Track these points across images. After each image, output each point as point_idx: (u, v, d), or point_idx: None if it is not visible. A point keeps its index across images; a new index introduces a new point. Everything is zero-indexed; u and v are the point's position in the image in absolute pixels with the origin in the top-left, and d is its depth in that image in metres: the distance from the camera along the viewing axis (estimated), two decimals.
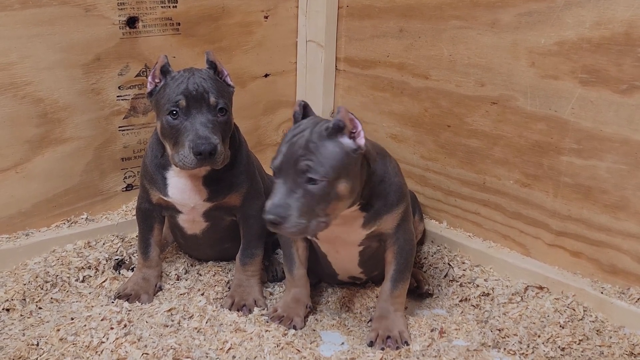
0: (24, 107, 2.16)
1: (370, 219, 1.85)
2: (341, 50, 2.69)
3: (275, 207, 1.65)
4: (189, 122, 1.84)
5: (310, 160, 1.65)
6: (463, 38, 2.24)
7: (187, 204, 2.02)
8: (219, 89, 1.91)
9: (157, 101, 1.92)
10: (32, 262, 2.14)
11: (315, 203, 1.65)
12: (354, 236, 1.89)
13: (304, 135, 1.69)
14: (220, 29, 2.53)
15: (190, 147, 1.80)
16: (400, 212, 1.89)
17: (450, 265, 2.28)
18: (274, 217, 1.64)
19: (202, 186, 1.99)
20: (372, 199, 1.83)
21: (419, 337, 1.91)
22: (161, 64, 1.92)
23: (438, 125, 2.40)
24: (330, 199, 1.67)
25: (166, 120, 1.86)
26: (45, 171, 2.26)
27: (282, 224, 1.64)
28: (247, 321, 1.92)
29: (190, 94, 1.85)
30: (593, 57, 1.94)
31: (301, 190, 1.65)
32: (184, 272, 2.24)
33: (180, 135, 1.84)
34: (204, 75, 1.91)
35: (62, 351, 1.73)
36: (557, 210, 2.12)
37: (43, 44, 2.15)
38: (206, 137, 1.81)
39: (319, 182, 1.64)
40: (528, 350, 1.86)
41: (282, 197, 1.66)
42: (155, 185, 2.02)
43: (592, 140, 1.99)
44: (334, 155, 1.67)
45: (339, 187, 1.67)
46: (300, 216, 1.64)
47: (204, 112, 1.85)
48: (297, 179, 1.65)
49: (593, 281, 2.07)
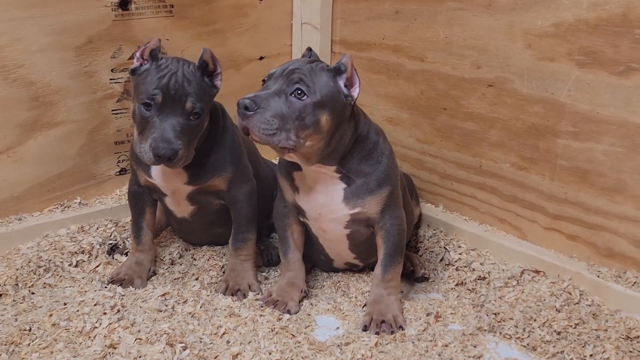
0: (15, 90, 2.14)
1: (351, 195, 1.86)
2: (336, 32, 2.67)
3: (255, 97, 1.67)
4: (159, 120, 1.81)
5: (304, 75, 1.71)
6: (459, 20, 2.22)
7: (168, 187, 2.01)
8: (199, 91, 1.86)
9: (137, 83, 1.88)
10: (25, 247, 2.13)
11: (292, 117, 1.69)
12: (337, 212, 1.89)
13: (304, 61, 1.79)
14: (214, 11, 2.50)
15: (151, 147, 1.78)
16: (384, 195, 1.88)
17: (446, 249, 2.27)
18: (250, 103, 1.65)
19: (182, 169, 1.96)
20: (354, 172, 1.84)
21: (414, 322, 1.91)
22: (152, 46, 1.89)
23: (434, 108, 2.38)
24: (307, 123, 1.70)
25: (139, 108, 1.84)
26: (37, 155, 2.24)
27: (253, 115, 1.66)
28: (241, 306, 1.92)
29: (168, 92, 1.81)
30: (590, 38, 1.92)
31: (285, 98, 1.70)
32: (178, 256, 2.23)
33: (148, 128, 1.81)
34: (188, 73, 1.86)
35: (55, 336, 1.72)
36: (554, 193, 2.11)
37: (35, 26, 2.12)
38: (169, 141, 1.78)
39: (304, 99, 1.69)
40: (524, 334, 1.85)
41: (265, 94, 1.69)
42: (141, 166, 2.01)
43: (589, 122, 1.98)
44: (326, 84, 1.74)
45: (321, 117, 1.72)
46: (273, 117, 1.67)
47: (176, 114, 1.82)
48: (285, 88, 1.70)
49: (589, 265, 2.06)
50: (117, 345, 1.69)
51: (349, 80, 1.77)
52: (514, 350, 1.81)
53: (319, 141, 1.74)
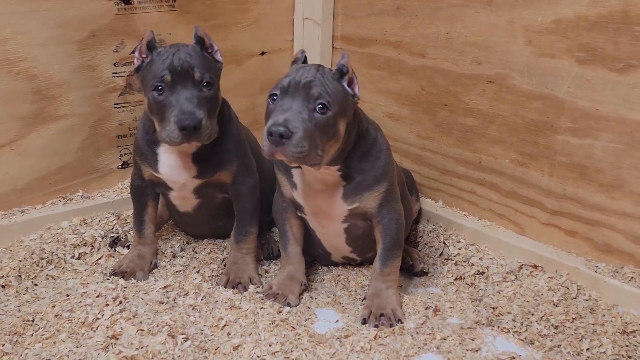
0: (18, 84, 2.15)
1: (350, 192, 1.87)
2: (338, 28, 2.68)
3: (285, 122, 1.63)
4: (174, 98, 1.83)
5: (322, 89, 1.69)
6: (460, 16, 2.23)
7: (177, 181, 2.02)
8: (204, 63, 1.90)
9: (144, 77, 1.91)
10: (28, 239, 2.15)
11: (318, 133, 1.67)
12: (336, 209, 1.90)
13: (311, 69, 1.74)
14: (215, 6, 2.51)
15: (175, 122, 1.80)
16: (381, 191, 1.89)
17: (445, 244, 2.29)
18: (284, 130, 1.61)
19: (191, 163, 1.99)
20: (354, 169, 1.84)
21: (413, 315, 1.92)
22: (147, 39, 1.92)
23: (434, 104, 2.39)
24: (330, 134, 1.70)
25: (152, 96, 1.86)
26: (40, 148, 2.25)
27: (288, 141, 1.62)
28: (242, 298, 1.93)
29: (175, 69, 1.84)
30: (590, 35, 1.93)
31: (308, 115, 1.67)
32: (180, 249, 2.24)
33: (166, 110, 1.84)
34: (189, 50, 1.90)
35: (58, 327, 1.74)
36: (553, 189, 2.12)
37: (38, 20, 2.14)
38: (191, 111, 1.81)
39: (326, 113, 1.67)
40: (522, 328, 1.87)
41: (292, 115, 1.65)
42: (147, 161, 2.02)
43: (588, 119, 1.99)
44: (338, 91, 1.73)
45: (340, 125, 1.72)
46: (304, 139, 1.64)
47: (189, 87, 1.85)
48: (306, 104, 1.68)
49: (587, 260, 2.08)
50: (119, 336, 1.70)
51: (350, 79, 1.79)
52: (512, 344, 1.83)
53: (336, 147, 1.76)
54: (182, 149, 1.95)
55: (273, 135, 1.62)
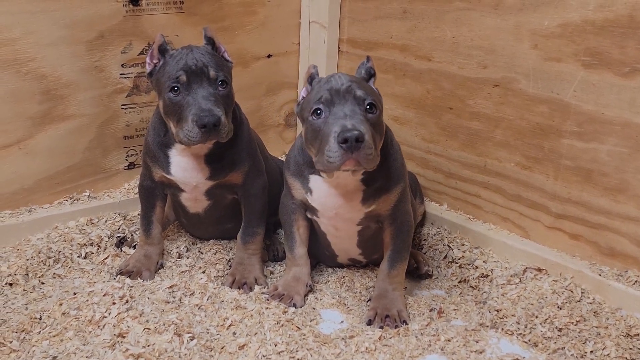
0: (27, 83, 2.17)
1: (369, 196, 1.87)
2: (344, 31, 2.69)
3: (354, 126, 1.62)
4: (191, 97, 1.84)
5: (364, 90, 1.71)
6: (466, 20, 2.24)
7: (189, 182, 2.02)
8: (218, 63, 1.92)
9: (158, 80, 1.93)
10: (35, 238, 2.16)
11: (374, 132, 1.69)
12: (354, 213, 1.90)
13: (340, 76, 1.76)
14: (223, 9, 2.53)
15: (194, 121, 1.80)
16: (397, 193, 1.90)
17: (449, 246, 2.30)
18: (359, 133, 1.60)
19: (204, 164, 1.99)
20: (376, 172, 1.81)
21: (417, 317, 1.93)
22: (158, 43, 1.93)
23: (440, 107, 2.40)
24: (380, 132, 1.74)
25: (168, 98, 1.87)
26: (48, 148, 2.26)
27: (362, 144, 1.60)
28: (247, 299, 1.94)
29: (190, 69, 1.86)
30: (596, 39, 1.94)
31: (364, 117, 1.67)
32: (186, 250, 2.25)
33: (183, 110, 1.84)
34: (202, 50, 1.92)
35: (65, 325, 1.75)
36: (557, 193, 2.13)
37: (47, 20, 2.15)
38: (209, 109, 1.82)
39: (375, 111, 1.70)
40: (525, 330, 1.87)
41: (354, 119, 1.65)
42: (158, 163, 2.03)
43: (594, 123, 2.00)
44: (375, 92, 1.78)
45: (383, 123, 1.76)
46: (371, 139, 1.65)
47: (205, 86, 1.86)
48: (356, 108, 1.68)
49: (591, 263, 2.08)
50: (125, 334, 1.71)
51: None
52: (516, 346, 1.84)
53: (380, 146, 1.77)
54: (195, 150, 1.96)
55: (348, 142, 1.60)
